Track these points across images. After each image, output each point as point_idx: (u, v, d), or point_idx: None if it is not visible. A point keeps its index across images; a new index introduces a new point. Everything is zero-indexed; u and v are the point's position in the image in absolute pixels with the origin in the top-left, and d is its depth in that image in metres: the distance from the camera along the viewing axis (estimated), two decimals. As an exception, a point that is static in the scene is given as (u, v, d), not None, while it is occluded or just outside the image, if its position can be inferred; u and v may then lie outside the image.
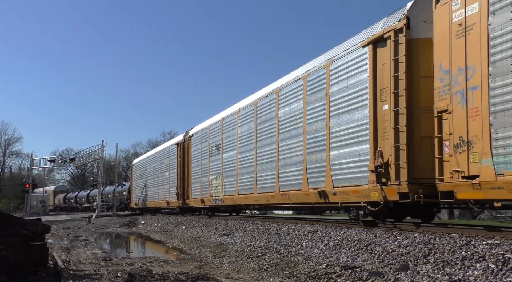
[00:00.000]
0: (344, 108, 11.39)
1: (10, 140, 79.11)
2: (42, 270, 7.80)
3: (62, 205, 68.29)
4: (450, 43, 8.54)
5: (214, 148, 20.25)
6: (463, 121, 8.14)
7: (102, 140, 45.03)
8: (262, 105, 15.88)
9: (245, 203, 17.39)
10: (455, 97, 8.36)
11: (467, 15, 8.13)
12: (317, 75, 12.63)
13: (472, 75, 8.03)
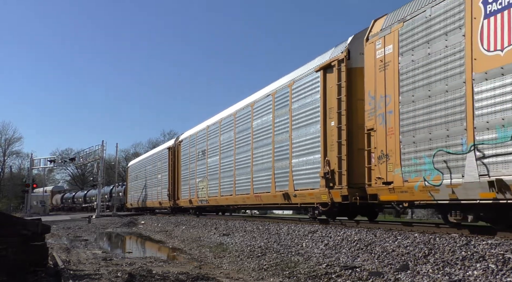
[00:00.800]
0: (302, 123, 13.36)
1: (10, 140, 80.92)
2: (42, 270, 7.97)
3: (59, 205, 69.94)
4: (375, 74, 10.43)
5: (200, 153, 22.27)
6: (383, 138, 10.15)
7: (102, 140, 46.01)
8: (240, 116, 17.92)
9: (226, 203, 19.44)
10: (378, 119, 10.37)
11: (386, 54, 10.12)
12: (282, 92, 14.60)
13: (389, 101, 10.05)
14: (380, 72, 10.23)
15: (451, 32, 8.45)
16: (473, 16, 7.98)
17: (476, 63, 7.89)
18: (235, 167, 17.86)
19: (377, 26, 10.58)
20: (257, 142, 16.15)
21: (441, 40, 8.65)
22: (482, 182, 7.65)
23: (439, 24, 8.72)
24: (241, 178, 17.35)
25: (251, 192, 16.32)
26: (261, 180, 15.70)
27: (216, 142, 20.29)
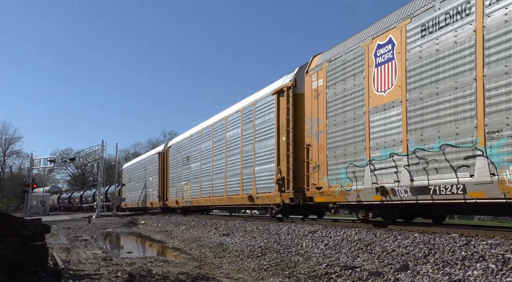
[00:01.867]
0: (263, 136, 16.50)
1: (11, 140, 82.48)
2: (42, 270, 8.09)
3: (56, 206, 72.13)
4: (311, 101, 13.55)
5: (185, 159, 25.61)
6: (317, 152, 13.25)
7: (102, 140, 46.65)
8: (217, 127, 21.17)
9: (206, 204, 22.70)
10: (314, 137, 13.44)
11: (318, 85, 13.18)
12: (248, 109, 17.74)
13: (320, 123, 13.09)
14: (314, 99, 13.32)
15: (357, 74, 11.54)
16: (369, 65, 11.07)
17: (371, 100, 10.97)
18: (213, 172, 21.00)
19: (314, 62, 13.68)
20: (230, 151, 19.35)
21: (351, 80, 11.73)
22: (374, 188, 10.74)
23: (350, 67, 11.81)
24: (217, 182, 20.47)
25: (225, 194, 19.52)
26: (232, 184, 18.88)
27: (198, 150, 23.46)
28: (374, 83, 10.87)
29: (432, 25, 9.28)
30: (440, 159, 8.97)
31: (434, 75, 9.20)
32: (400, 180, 9.97)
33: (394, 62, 10.27)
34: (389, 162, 10.30)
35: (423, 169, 9.38)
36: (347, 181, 11.75)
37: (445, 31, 8.97)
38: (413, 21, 9.78)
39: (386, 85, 10.47)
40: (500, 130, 7.80)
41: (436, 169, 9.08)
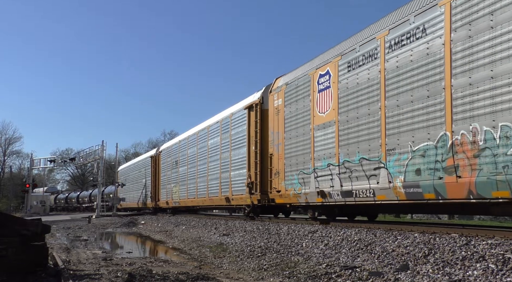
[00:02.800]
0: (237, 145, 19.28)
1: (11, 140, 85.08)
2: (42, 270, 8.24)
3: (53, 206, 74.79)
4: (273, 117, 16.36)
5: (174, 163, 28.45)
6: (277, 160, 16.05)
7: (102, 140, 48.26)
8: (200, 135, 23.97)
9: (191, 204, 25.51)
10: (275, 147, 16.25)
11: (278, 104, 16.01)
12: (226, 121, 20.51)
13: (279, 136, 15.90)
14: (276, 116, 16.11)
15: (305, 97, 14.32)
16: (313, 90, 13.85)
17: (315, 119, 13.75)
18: (197, 176, 23.86)
19: (276, 83, 16.48)
20: (211, 157, 22.11)
21: (302, 101, 14.52)
22: (316, 192, 13.52)
23: (301, 91, 14.59)
24: (201, 185, 23.32)
25: (207, 196, 22.35)
26: (213, 186, 21.67)
27: (185, 155, 26.36)
28: (317, 106, 13.65)
29: (355, 63, 12.05)
30: (359, 169, 11.73)
31: (355, 102, 11.97)
32: (334, 185, 12.75)
33: (330, 90, 13.04)
34: (327, 170, 13.08)
35: (348, 177, 12.15)
36: (298, 185, 14.53)
37: (362, 68, 11.74)
38: (343, 58, 12.56)
39: (325, 107, 13.25)
40: (394, 149, 10.56)
41: (356, 177, 11.85)
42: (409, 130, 10.13)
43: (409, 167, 10.10)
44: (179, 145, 27.93)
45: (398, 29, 10.58)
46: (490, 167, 8.22)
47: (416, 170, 9.91)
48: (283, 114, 15.60)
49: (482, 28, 8.48)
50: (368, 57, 11.52)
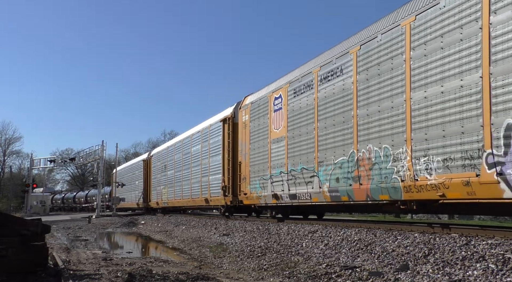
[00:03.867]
0: (215, 153, 22.58)
1: (11, 140, 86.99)
2: (42, 270, 8.39)
3: (50, 206, 76.47)
4: (242, 130, 19.70)
5: (163, 167, 31.87)
6: (244, 168, 19.30)
7: (102, 140, 49.94)
8: (185, 142, 27.35)
9: (178, 205, 28.90)
10: (243, 156, 19.54)
11: (246, 119, 19.31)
12: (205, 131, 23.84)
13: (246, 147, 19.21)
14: (244, 129, 19.40)
15: (265, 115, 17.59)
16: (270, 110, 17.11)
17: (271, 134, 17.01)
18: (183, 179, 27.24)
19: (245, 101, 19.75)
20: (194, 162, 25.44)
21: (262, 118, 17.80)
22: (271, 195, 16.78)
23: (262, 110, 17.86)
24: (185, 187, 26.69)
25: (190, 197, 25.70)
26: (195, 189, 25.01)
27: (172, 160, 29.72)
28: (273, 123, 16.92)
29: (298, 90, 15.31)
30: (301, 177, 14.98)
31: (298, 122, 15.22)
32: (284, 189, 16.00)
33: (282, 111, 16.30)
34: (280, 177, 16.34)
35: (294, 183, 15.40)
36: (260, 189, 17.80)
37: (303, 95, 14.99)
38: (290, 86, 15.81)
39: (279, 125, 16.51)
40: (323, 161, 13.81)
41: (299, 183, 15.10)
42: (332, 147, 13.38)
43: (332, 176, 13.34)
44: (168, 151, 31.45)
45: (326, 67, 13.83)
46: (378, 177, 11.46)
47: (336, 178, 13.16)
48: (249, 128, 18.89)
49: (373, 74, 11.72)
50: (307, 87, 14.78)
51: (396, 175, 10.84)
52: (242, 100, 20.18)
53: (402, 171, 10.63)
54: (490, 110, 8.52)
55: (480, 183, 8.69)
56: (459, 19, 9.31)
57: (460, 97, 9.19)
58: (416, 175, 10.23)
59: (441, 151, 9.60)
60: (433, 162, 9.79)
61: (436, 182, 9.70)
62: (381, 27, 11.65)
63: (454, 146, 9.30)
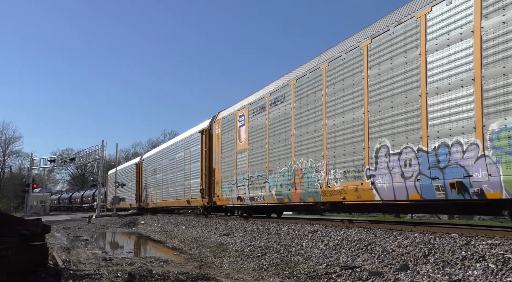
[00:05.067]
0: (195, 160, 26.29)
1: (11, 140, 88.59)
2: (42, 270, 8.58)
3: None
4: (216, 140, 23.43)
5: (153, 171, 35.71)
6: (217, 174, 23.02)
7: (102, 140, 51.23)
8: (171, 149, 31.14)
9: (165, 205, 32.75)
10: (216, 164, 23.28)
11: (219, 132, 23.07)
12: (187, 140, 27.61)
13: (219, 156, 22.95)
14: (217, 140, 23.15)
15: (232, 130, 21.33)
16: (236, 125, 20.85)
17: (237, 146, 20.75)
18: (169, 182, 31.04)
19: (218, 115, 23.49)
20: (178, 167, 29.22)
21: (230, 132, 21.53)
22: (236, 197, 20.51)
23: (230, 125, 21.60)
24: (171, 189, 30.49)
25: (175, 198, 29.49)
26: (179, 191, 28.79)
27: (160, 164, 33.55)
28: (238, 137, 20.65)
29: (256, 111, 19.02)
30: (257, 182, 18.69)
31: (256, 137, 18.92)
32: (245, 193, 19.72)
33: (244, 127, 20.03)
34: (242, 182, 20.05)
35: (252, 187, 19.11)
36: (228, 192, 21.54)
37: (259, 116, 18.70)
38: (251, 106, 19.53)
39: (242, 138, 20.25)
40: (272, 170, 17.52)
41: (256, 188, 18.81)
42: (278, 159, 17.08)
43: (278, 182, 17.04)
44: (157, 156, 35.30)
45: (274, 94, 17.54)
46: (306, 184, 15.16)
47: (280, 184, 16.86)
48: (221, 140, 22.62)
49: (303, 103, 15.42)
50: (262, 109, 18.50)
51: (317, 183, 14.53)
52: (216, 115, 23.93)
53: (320, 179, 14.32)
54: (368, 137, 12.21)
55: (363, 190, 12.38)
56: (350, 74, 13.02)
57: (353, 126, 12.88)
58: (329, 183, 13.93)
59: (342, 165, 13.29)
60: (338, 174, 13.49)
61: (340, 188, 13.39)
62: (308, 68, 15.37)
63: (349, 162, 12.99)
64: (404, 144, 10.93)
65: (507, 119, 8.43)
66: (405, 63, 11.01)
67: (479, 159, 8.95)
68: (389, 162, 11.43)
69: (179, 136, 30.35)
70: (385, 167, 11.57)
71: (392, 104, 11.38)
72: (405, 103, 10.94)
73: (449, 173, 9.61)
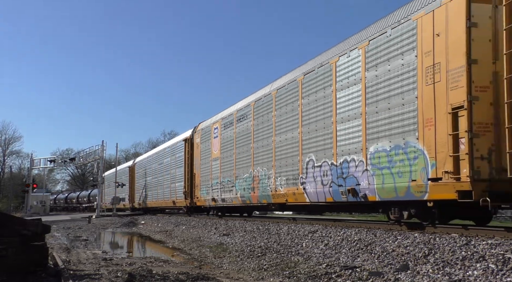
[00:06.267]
0: (179, 165, 29.94)
1: (11, 140, 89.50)
2: (42, 270, 8.75)
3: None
4: (196, 149, 27.10)
5: (144, 174, 39.46)
6: (197, 178, 26.67)
7: (102, 140, 51.86)
8: (160, 154, 35.07)
9: (155, 205, 36.82)
10: (197, 169, 26.95)
11: (198, 141, 26.73)
12: (172, 147, 31.46)
13: (198, 162, 26.61)
14: (197, 149, 26.86)
15: (208, 140, 25.03)
16: (212, 136, 24.57)
17: (212, 154, 24.44)
18: (158, 184, 34.80)
19: (198, 126, 27.22)
20: (165, 171, 33.02)
21: (207, 142, 25.24)
22: (211, 198, 24.22)
23: (207, 135, 25.29)
24: (159, 191, 34.33)
25: (163, 199, 33.25)
26: (165, 193, 32.58)
27: (151, 168, 37.39)
28: (213, 146, 24.35)
29: (227, 125, 22.70)
30: (227, 186, 22.37)
31: (226, 147, 22.60)
32: (218, 195, 23.41)
33: (218, 138, 23.72)
34: (216, 186, 23.75)
35: (224, 191, 22.79)
36: (206, 194, 25.23)
37: (229, 129, 22.38)
38: (223, 121, 23.21)
39: (216, 148, 23.94)
40: (238, 176, 21.19)
41: (226, 191, 22.50)
42: (242, 167, 20.76)
43: (242, 187, 20.72)
44: (147, 160, 39.08)
45: (240, 112, 21.22)
46: (262, 188, 18.82)
47: (243, 188, 20.53)
48: (200, 148, 26.33)
49: (259, 122, 19.08)
50: (231, 124, 22.19)
51: (269, 187, 18.19)
52: (197, 125, 27.63)
53: (271, 185, 17.98)
54: (301, 152, 15.86)
55: (298, 193, 16.04)
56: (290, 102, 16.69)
57: (292, 143, 16.53)
58: (276, 188, 17.59)
59: (285, 174, 16.96)
60: (282, 180, 17.15)
61: (283, 192, 17.05)
62: (263, 93, 19.06)
63: (290, 172, 16.64)
64: (323, 159, 14.58)
65: (378, 144, 12.06)
66: (324, 97, 14.65)
67: (364, 172, 12.58)
68: (314, 173, 15.07)
69: (167, 142, 34.17)
70: (312, 176, 15.21)
71: (316, 127, 15.02)
72: (323, 127, 14.58)
73: (348, 182, 13.25)
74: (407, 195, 11.11)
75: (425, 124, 10.55)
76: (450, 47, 9.94)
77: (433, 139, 10.31)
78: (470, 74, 9.54)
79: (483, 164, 9.40)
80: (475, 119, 9.49)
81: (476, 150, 9.45)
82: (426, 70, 10.56)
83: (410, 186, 10.93)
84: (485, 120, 9.47)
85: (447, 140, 9.89)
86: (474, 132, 9.46)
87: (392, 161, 11.55)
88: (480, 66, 9.51)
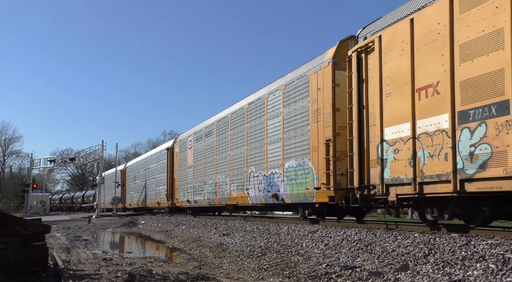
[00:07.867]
0: (163, 170, 34.73)
1: (11, 140, 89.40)
2: (42, 270, 8.86)
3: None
4: (176, 157, 32.00)
5: (134, 177, 44.41)
6: (176, 182, 31.55)
7: (102, 140, 52.53)
8: (147, 160, 39.85)
9: (142, 206, 41.44)
10: (176, 175, 31.88)
11: (178, 150, 31.62)
12: (157, 155, 36.33)
13: (177, 169, 31.51)
14: (176, 157, 31.78)
15: (185, 150, 29.99)
16: (187, 147, 29.53)
17: (187, 162, 29.37)
18: (145, 187, 39.75)
19: (178, 137, 32.17)
20: (152, 176, 37.92)
21: (184, 152, 30.19)
22: (187, 200, 29.18)
23: (184, 146, 30.24)
24: (147, 193, 39.22)
25: (150, 201, 38.24)
26: (152, 195, 37.51)
27: (139, 172, 42.32)
28: (188, 156, 29.28)
29: (198, 139, 27.60)
30: (198, 190, 27.28)
31: (197, 157, 27.46)
32: (192, 197, 28.33)
33: (192, 149, 28.66)
34: (191, 189, 28.67)
35: (196, 194, 27.71)
36: (182, 196, 30.17)
37: (199, 142, 27.28)
38: (195, 135, 28.09)
39: (190, 158, 28.87)
40: (205, 182, 26.14)
41: (197, 194, 27.42)
42: (208, 174, 25.63)
43: (208, 191, 25.62)
44: (137, 165, 44.05)
45: (207, 129, 26.13)
46: (221, 192, 23.70)
47: (209, 192, 25.44)
48: (178, 157, 31.27)
49: (221, 138, 24.03)
50: (200, 138, 27.08)
51: (226, 192, 23.09)
52: (177, 137, 32.58)
53: (228, 190, 22.89)
54: (246, 164, 20.76)
55: (245, 197, 20.95)
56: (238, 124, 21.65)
57: (241, 157, 21.41)
58: (231, 192, 22.51)
59: (237, 181, 21.86)
60: (235, 186, 22.06)
61: (235, 196, 21.96)
62: (225, 113, 23.98)
63: (240, 180, 21.52)
64: (259, 170, 19.49)
65: (290, 162, 16.97)
66: (260, 123, 19.54)
67: (282, 182, 17.48)
68: (254, 181, 19.98)
69: (153, 150, 39.07)
70: (252, 183, 20.11)
71: (255, 146, 19.94)
72: (260, 146, 19.49)
73: (273, 189, 18.15)
74: (305, 199, 16.00)
75: (313, 149, 15.45)
76: (325, 98, 14.85)
77: (317, 160, 15.22)
78: (334, 118, 14.46)
79: (342, 178, 14.27)
80: (338, 148, 14.39)
81: (338, 169, 14.35)
82: (314, 112, 15.47)
83: (306, 193, 15.83)
84: (343, 149, 14.28)
85: (324, 162, 14.79)
86: (337, 157, 14.36)
87: (297, 174, 16.45)
88: (341, 112, 14.36)
